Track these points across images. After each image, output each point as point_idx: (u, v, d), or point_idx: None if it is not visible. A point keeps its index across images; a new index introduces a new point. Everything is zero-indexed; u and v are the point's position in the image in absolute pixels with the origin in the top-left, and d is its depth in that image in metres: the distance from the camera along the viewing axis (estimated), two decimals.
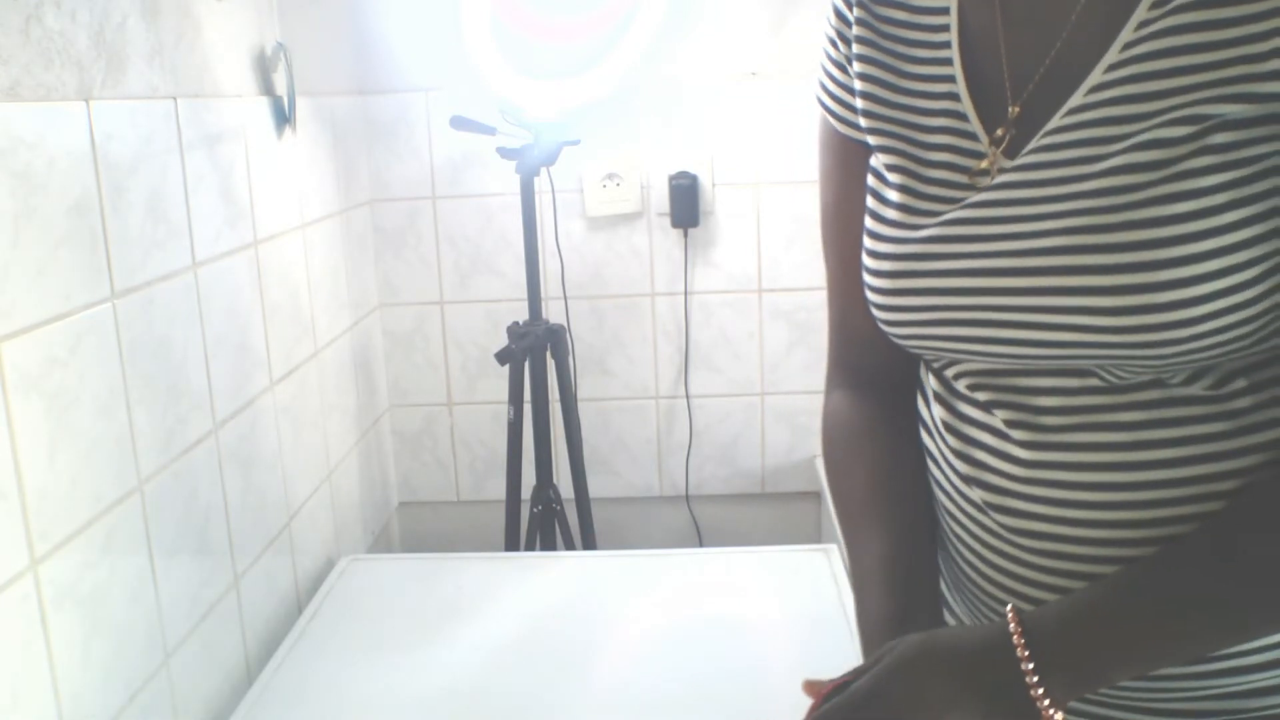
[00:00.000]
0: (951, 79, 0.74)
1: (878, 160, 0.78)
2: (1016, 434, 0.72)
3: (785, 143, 2.12)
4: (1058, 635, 0.64)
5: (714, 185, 2.16)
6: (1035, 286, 0.66)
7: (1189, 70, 0.63)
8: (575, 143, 1.90)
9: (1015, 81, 0.72)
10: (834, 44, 0.81)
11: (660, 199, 2.16)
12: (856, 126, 0.80)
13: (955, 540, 0.79)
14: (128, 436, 1.17)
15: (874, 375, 0.86)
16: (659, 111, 2.13)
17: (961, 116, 0.73)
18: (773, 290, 2.20)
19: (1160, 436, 0.67)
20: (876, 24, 0.78)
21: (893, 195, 0.75)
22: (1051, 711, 0.62)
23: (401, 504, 2.34)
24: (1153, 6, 0.64)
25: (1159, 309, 0.62)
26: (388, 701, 1.35)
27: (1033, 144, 0.69)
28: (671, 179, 2.14)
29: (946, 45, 0.75)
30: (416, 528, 2.34)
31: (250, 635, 1.48)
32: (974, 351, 0.72)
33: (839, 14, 0.80)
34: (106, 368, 1.14)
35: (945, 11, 0.76)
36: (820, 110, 0.84)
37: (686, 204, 2.14)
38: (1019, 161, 0.69)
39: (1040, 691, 0.62)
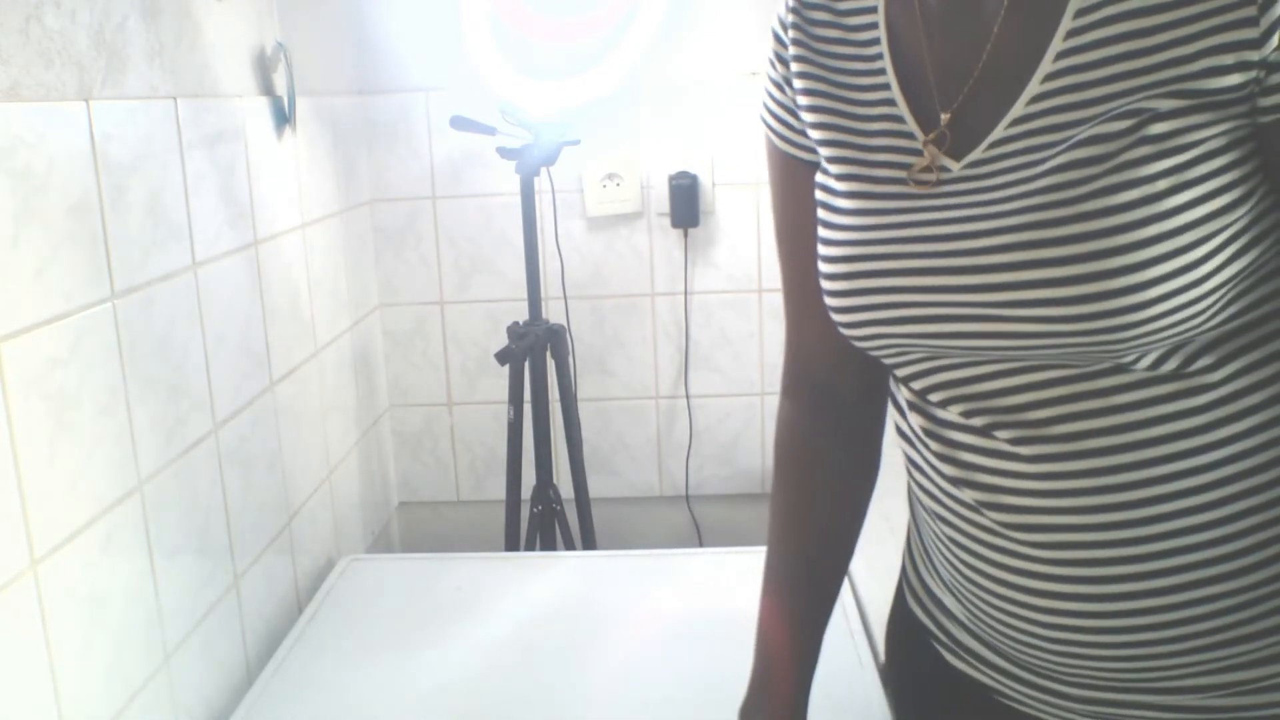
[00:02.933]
0: (886, 87, 0.77)
1: (825, 173, 0.80)
2: (1002, 434, 0.73)
3: None
4: None
5: (714, 185, 2.16)
6: (991, 283, 0.68)
7: (1125, 75, 0.65)
8: (575, 143, 1.90)
9: (943, 89, 0.74)
10: (773, 65, 0.85)
11: (660, 199, 2.16)
12: (796, 144, 0.84)
13: (949, 543, 0.80)
14: (128, 436, 1.17)
15: (823, 386, 0.90)
16: (659, 111, 2.13)
17: (899, 119, 0.76)
18: (773, 290, 2.19)
19: (1140, 418, 0.69)
20: (812, 42, 0.81)
21: (844, 203, 0.78)
22: None
23: (401, 504, 2.34)
24: (1078, 15, 0.67)
25: (1112, 295, 0.64)
26: (388, 701, 1.35)
27: (978, 152, 0.71)
28: (671, 179, 2.14)
29: (879, 57, 0.78)
30: (416, 528, 2.34)
31: (250, 635, 1.48)
32: (933, 348, 0.73)
33: (775, 36, 0.84)
34: (106, 368, 1.14)
35: (874, 26, 0.78)
36: (764, 129, 0.87)
37: (686, 204, 2.14)
38: (966, 169, 0.71)
39: None
